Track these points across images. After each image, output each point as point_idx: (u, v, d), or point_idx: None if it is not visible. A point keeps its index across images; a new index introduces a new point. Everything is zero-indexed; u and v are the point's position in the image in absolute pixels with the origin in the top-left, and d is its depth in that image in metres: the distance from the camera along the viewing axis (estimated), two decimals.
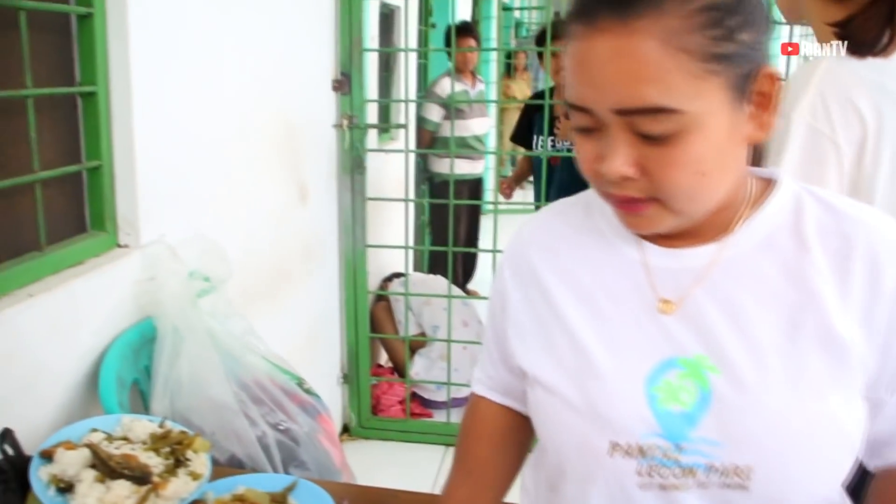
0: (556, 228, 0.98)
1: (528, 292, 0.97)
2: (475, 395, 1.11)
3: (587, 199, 0.98)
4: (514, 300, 0.98)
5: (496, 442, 1.09)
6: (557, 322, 0.92)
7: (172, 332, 1.64)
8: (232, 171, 2.21)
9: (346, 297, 3.25)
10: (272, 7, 2.44)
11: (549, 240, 0.98)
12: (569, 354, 0.90)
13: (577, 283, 0.93)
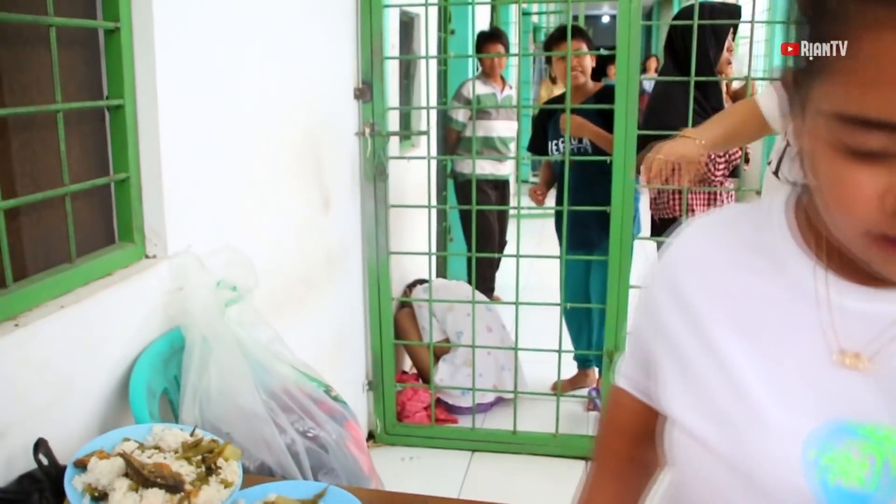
0: (717, 242, 0.83)
1: (675, 318, 0.83)
2: (617, 388, 0.99)
3: (761, 210, 0.82)
4: (663, 323, 0.84)
5: (640, 439, 0.99)
6: (709, 355, 0.78)
7: (201, 341, 1.66)
8: (256, 181, 2.23)
9: (370, 304, 3.26)
10: (294, 18, 2.46)
11: (706, 256, 0.83)
12: (722, 395, 0.75)
13: (736, 311, 0.78)
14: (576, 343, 3.88)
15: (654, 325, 0.86)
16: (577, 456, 3.25)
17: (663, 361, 0.84)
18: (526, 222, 3.29)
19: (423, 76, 3.81)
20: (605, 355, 3.13)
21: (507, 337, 3.69)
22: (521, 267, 3.24)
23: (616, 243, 2.97)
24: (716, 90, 3.19)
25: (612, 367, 3.13)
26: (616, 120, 2.87)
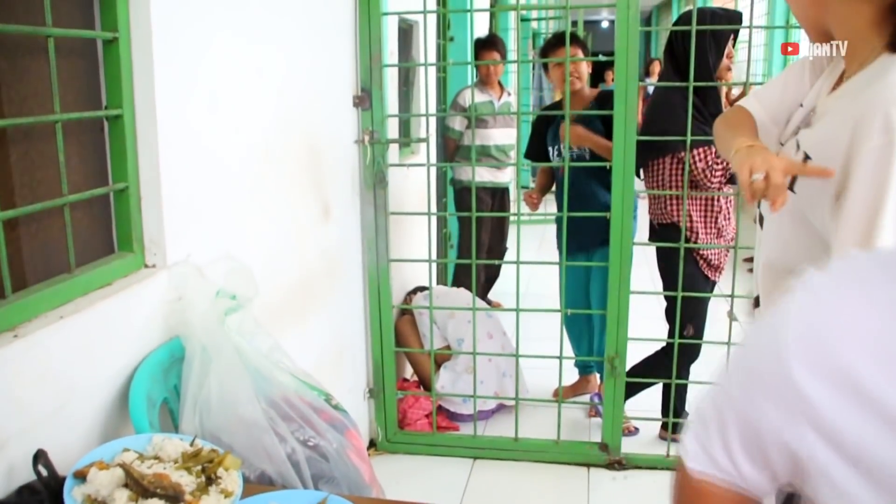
0: (875, 305, 0.67)
1: (852, 415, 0.65)
2: (698, 479, 0.81)
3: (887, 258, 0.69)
4: (828, 422, 0.67)
5: None
6: None
7: (201, 351, 1.65)
8: (256, 190, 2.23)
9: (371, 311, 3.26)
10: (292, 27, 2.46)
11: (874, 325, 0.66)
12: None
13: None
14: (576, 349, 3.88)
15: (806, 422, 0.68)
16: (580, 462, 3.25)
17: (831, 468, 0.68)
18: (526, 228, 3.29)
19: (422, 83, 3.82)
20: (606, 361, 3.12)
21: (509, 344, 3.69)
22: (522, 273, 3.23)
23: (616, 249, 2.97)
24: (715, 96, 3.19)
25: (613, 374, 3.15)
26: (615, 125, 2.88)
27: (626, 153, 2.88)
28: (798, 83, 1.57)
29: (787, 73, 1.63)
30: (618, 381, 3.14)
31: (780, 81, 1.63)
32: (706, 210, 3.24)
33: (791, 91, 1.58)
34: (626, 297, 3.02)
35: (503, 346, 3.71)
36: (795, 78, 1.58)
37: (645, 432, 3.54)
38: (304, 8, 2.56)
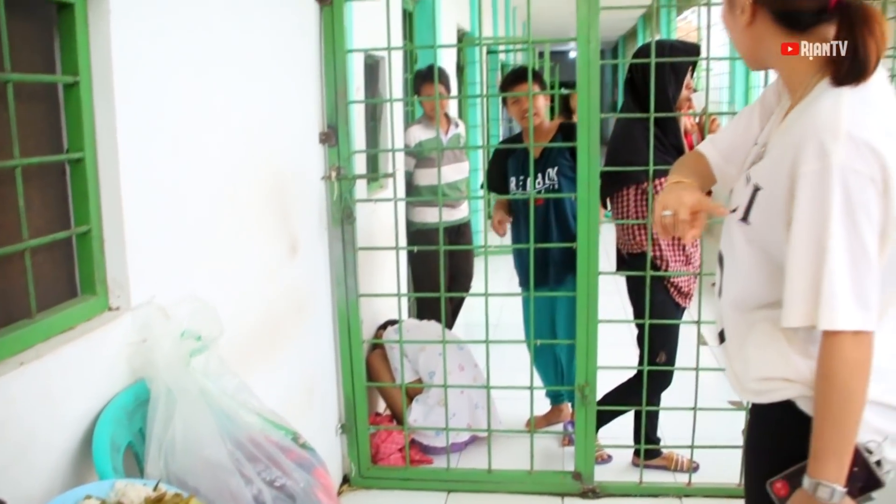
0: None
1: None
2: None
3: None
4: None
5: None
6: None
7: (165, 393, 1.65)
8: (221, 229, 2.23)
9: (341, 347, 3.25)
10: (257, 65, 2.48)
11: None
12: None
13: None
14: (545, 379, 3.88)
15: None
16: (554, 492, 3.25)
17: None
18: (495, 259, 3.31)
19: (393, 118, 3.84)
20: (576, 390, 3.14)
21: (480, 375, 3.69)
22: (493, 304, 3.25)
23: (584, 279, 3.00)
24: (674, 127, 3.25)
25: (584, 403, 3.16)
26: (579, 157, 2.91)
27: (591, 184, 2.91)
28: (748, 125, 1.66)
29: (738, 117, 1.73)
30: (589, 409, 3.15)
31: (733, 125, 1.73)
32: (673, 238, 3.28)
33: (742, 132, 1.67)
34: (594, 327, 3.04)
35: (475, 377, 3.71)
36: (745, 120, 1.68)
37: (618, 460, 3.55)
38: (269, 46, 2.58)
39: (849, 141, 1.31)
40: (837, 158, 1.31)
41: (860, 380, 1.36)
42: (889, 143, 1.32)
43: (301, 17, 2.87)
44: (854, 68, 1.35)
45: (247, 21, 2.40)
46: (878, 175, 1.31)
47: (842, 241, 1.32)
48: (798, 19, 1.42)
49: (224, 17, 2.24)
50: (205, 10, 2.12)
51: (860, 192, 1.31)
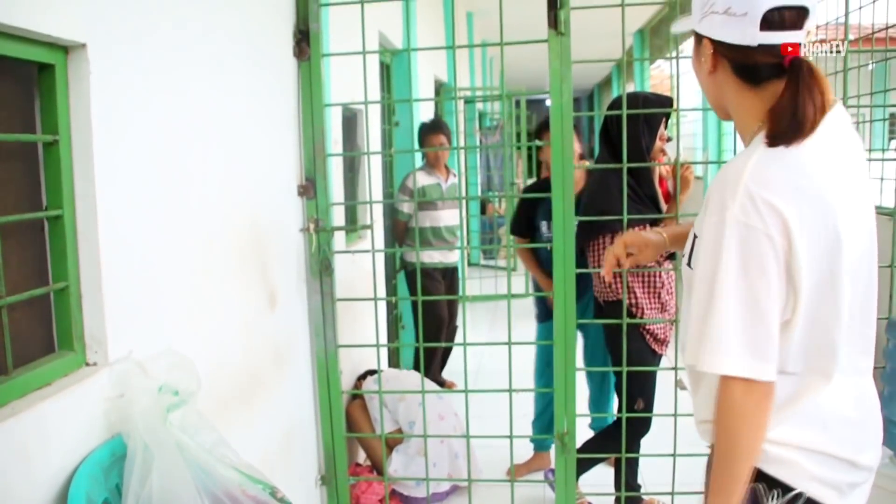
0: None
1: None
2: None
3: None
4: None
5: None
6: None
7: (142, 448, 1.65)
8: (200, 283, 2.25)
9: (320, 397, 3.25)
10: (236, 119, 2.52)
11: None
12: None
13: None
14: (538, 420, 3.94)
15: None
16: None
17: None
18: (478, 306, 3.33)
19: (370, 170, 3.90)
20: (556, 438, 3.14)
21: (460, 424, 3.69)
22: (475, 351, 3.26)
23: (561, 327, 3.02)
24: (648, 177, 3.31)
25: (563, 451, 3.16)
26: (554, 208, 2.95)
27: (566, 234, 2.95)
28: None
29: None
30: (569, 457, 3.15)
31: None
32: (649, 286, 3.33)
33: None
34: (572, 375, 3.06)
35: (455, 427, 3.71)
36: None
37: None
38: (247, 101, 2.63)
39: (746, 197, 1.38)
40: (732, 213, 1.38)
41: (746, 426, 1.42)
42: (798, 202, 1.38)
43: (279, 73, 2.93)
44: (789, 128, 1.41)
45: (225, 76, 2.44)
46: (775, 232, 1.37)
47: (731, 291, 1.39)
48: (754, 73, 1.49)
49: (203, 72, 2.28)
50: (184, 67, 2.16)
51: (753, 247, 1.37)
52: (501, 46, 2.97)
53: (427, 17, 6.92)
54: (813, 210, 1.39)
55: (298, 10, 3.01)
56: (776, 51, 1.44)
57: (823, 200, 1.40)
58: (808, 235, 1.38)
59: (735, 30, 1.46)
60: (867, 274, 1.53)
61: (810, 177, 1.41)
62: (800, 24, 1.44)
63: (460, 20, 10.04)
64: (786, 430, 1.49)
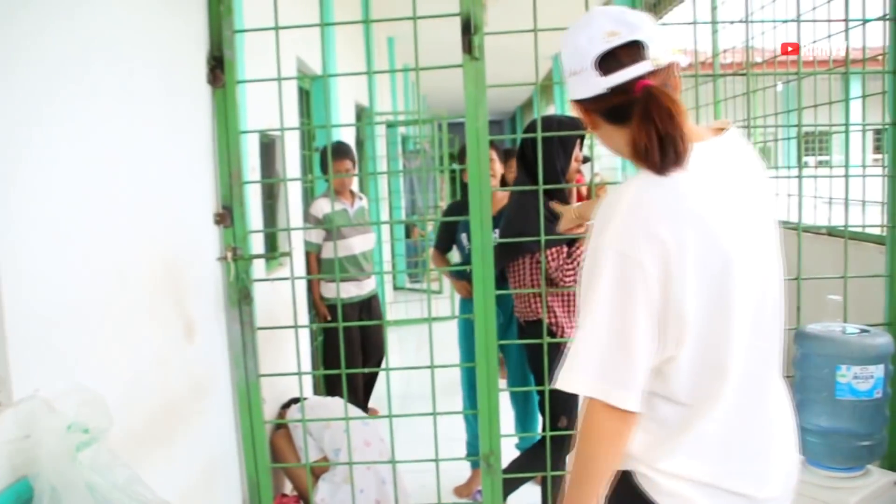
0: None
1: None
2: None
3: None
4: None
5: None
6: None
7: (50, 491, 1.59)
8: (111, 315, 2.19)
9: (243, 428, 3.20)
10: (147, 148, 2.47)
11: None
12: None
13: None
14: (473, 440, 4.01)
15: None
16: None
17: None
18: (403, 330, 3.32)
19: (287, 197, 3.87)
20: (481, 459, 3.15)
21: (387, 450, 3.67)
22: (401, 376, 3.25)
23: (482, 348, 3.04)
24: (565, 198, 3.37)
25: (489, 472, 3.17)
26: (472, 230, 2.98)
27: (485, 256, 2.98)
28: None
29: None
30: (495, 478, 3.16)
31: None
32: (568, 305, 3.38)
33: None
34: (495, 396, 3.07)
35: (381, 452, 3.69)
36: None
37: None
38: (159, 129, 2.58)
39: (622, 224, 1.42)
40: (607, 239, 1.42)
41: (602, 450, 1.46)
42: (678, 228, 1.41)
43: (193, 100, 2.89)
44: (648, 156, 1.45)
45: (136, 105, 2.40)
46: (649, 260, 1.40)
47: (599, 317, 1.43)
48: (619, 114, 1.53)
49: (112, 100, 2.24)
50: (92, 95, 2.11)
51: (624, 274, 1.40)
52: (417, 71, 3.00)
53: (347, 43, 6.94)
54: (696, 235, 1.42)
55: (212, 36, 2.99)
56: (627, 88, 1.48)
57: (706, 225, 1.43)
58: (694, 261, 1.41)
59: (584, 85, 1.52)
60: (772, 294, 1.56)
61: (690, 202, 1.44)
62: (638, 57, 1.48)
63: (381, 45, 10.09)
64: (678, 462, 1.50)
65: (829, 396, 2.81)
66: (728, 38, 5.00)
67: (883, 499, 2.86)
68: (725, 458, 1.51)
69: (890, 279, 3.17)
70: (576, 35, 1.53)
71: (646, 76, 1.48)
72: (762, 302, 1.54)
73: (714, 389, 1.49)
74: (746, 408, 1.53)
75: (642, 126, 1.45)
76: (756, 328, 1.52)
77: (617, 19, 1.50)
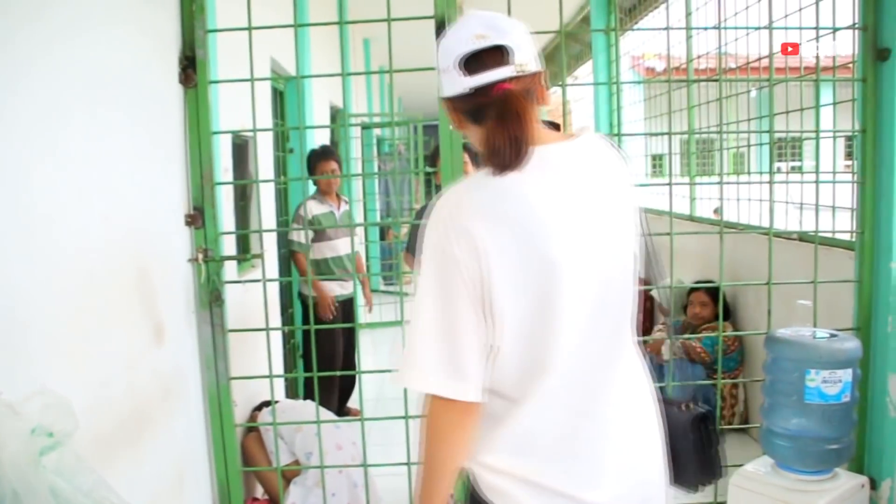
0: None
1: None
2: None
3: None
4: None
5: None
6: None
7: (12, 495, 1.56)
8: (78, 317, 2.16)
9: (213, 431, 3.17)
10: (118, 148, 2.44)
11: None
12: None
13: None
14: None
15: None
16: None
17: None
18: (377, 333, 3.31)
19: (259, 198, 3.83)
20: None
21: (359, 453, 3.65)
22: (375, 379, 3.24)
23: None
24: None
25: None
26: None
27: None
28: None
29: None
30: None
31: None
32: None
33: None
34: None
35: (353, 456, 3.67)
36: None
37: None
38: (130, 129, 2.55)
39: (442, 222, 1.46)
40: (431, 237, 1.47)
41: (445, 445, 1.48)
42: (494, 228, 1.43)
43: (165, 100, 2.86)
44: (490, 158, 1.47)
45: (106, 104, 2.37)
46: (465, 256, 1.43)
47: (426, 313, 1.46)
48: (478, 115, 1.54)
49: (80, 98, 2.21)
50: (59, 94, 2.08)
51: (445, 270, 1.44)
52: (391, 73, 2.99)
53: (323, 44, 6.91)
54: (515, 237, 1.44)
55: (184, 35, 2.96)
56: (488, 90, 1.50)
57: (527, 227, 1.45)
58: (512, 261, 1.43)
59: (451, 84, 1.54)
60: (615, 299, 1.55)
61: (512, 204, 1.46)
62: (502, 62, 1.50)
63: (357, 47, 10.07)
64: (502, 457, 1.51)
65: (798, 400, 2.83)
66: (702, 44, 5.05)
67: (851, 501, 2.89)
68: (549, 456, 1.51)
69: (859, 284, 3.20)
70: (448, 35, 1.56)
71: (507, 80, 1.50)
72: (600, 306, 1.52)
73: (536, 387, 1.49)
74: (574, 408, 1.52)
75: (495, 127, 1.48)
76: (591, 331, 1.51)
77: (487, 24, 1.52)
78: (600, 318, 1.53)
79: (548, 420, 1.50)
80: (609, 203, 1.56)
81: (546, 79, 1.59)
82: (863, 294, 3.19)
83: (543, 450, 1.50)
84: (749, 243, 4.63)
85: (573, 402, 1.51)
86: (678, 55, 5.56)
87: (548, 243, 1.44)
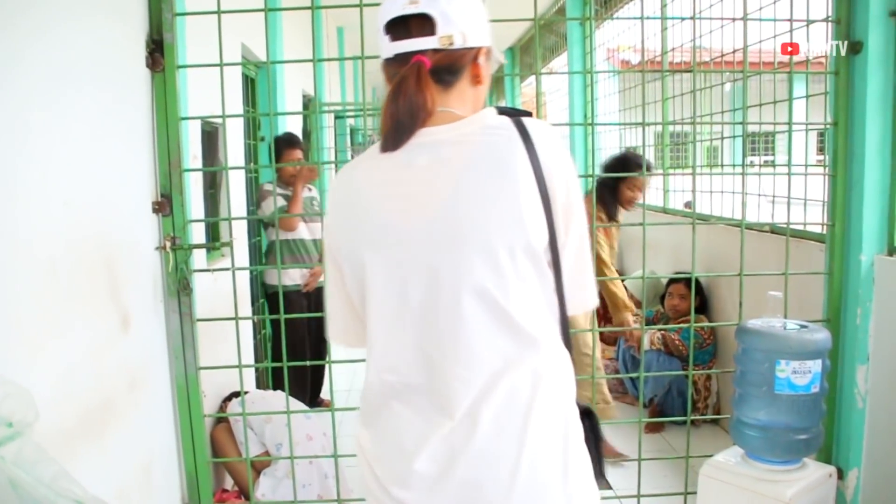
0: None
1: None
2: None
3: None
4: None
5: None
6: None
7: None
8: (40, 306, 2.10)
9: (181, 422, 3.12)
10: (81, 134, 2.39)
11: None
12: None
13: None
14: None
15: None
16: None
17: None
18: None
19: (229, 186, 3.78)
20: None
21: (330, 444, 3.62)
22: (347, 369, 3.21)
23: None
24: None
25: None
26: None
27: None
28: None
29: None
30: None
31: None
32: None
33: None
34: None
35: (324, 447, 3.64)
36: None
37: None
38: (94, 114, 2.50)
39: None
40: None
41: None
42: (335, 210, 1.55)
43: (131, 85, 2.80)
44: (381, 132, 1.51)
45: (69, 89, 2.31)
46: (328, 231, 1.59)
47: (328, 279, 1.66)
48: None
49: (43, 80, 2.15)
50: (20, 77, 2.03)
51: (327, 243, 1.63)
52: (363, 60, 2.95)
53: (296, 31, 6.83)
54: (345, 222, 1.53)
55: (152, 18, 2.90)
56: (406, 59, 1.45)
57: (353, 214, 1.51)
58: (345, 244, 1.53)
59: (381, 48, 1.52)
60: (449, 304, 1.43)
61: (352, 190, 1.52)
62: (428, 32, 1.44)
63: (331, 35, 9.98)
64: (360, 430, 1.65)
65: (768, 391, 2.84)
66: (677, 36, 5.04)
67: (819, 490, 2.91)
68: (379, 441, 1.55)
69: (829, 276, 3.22)
70: None
71: (427, 52, 1.45)
72: (430, 308, 1.44)
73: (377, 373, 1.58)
74: (405, 403, 1.51)
75: (386, 103, 1.46)
76: (424, 333, 1.46)
77: None
78: (433, 325, 1.44)
79: (384, 407, 1.56)
80: (479, 189, 1.41)
81: (488, 55, 1.53)
82: (833, 286, 3.21)
83: (376, 434, 1.58)
84: (722, 236, 4.65)
85: (396, 392, 1.54)
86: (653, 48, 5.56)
87: (364, 233, 1.48)
